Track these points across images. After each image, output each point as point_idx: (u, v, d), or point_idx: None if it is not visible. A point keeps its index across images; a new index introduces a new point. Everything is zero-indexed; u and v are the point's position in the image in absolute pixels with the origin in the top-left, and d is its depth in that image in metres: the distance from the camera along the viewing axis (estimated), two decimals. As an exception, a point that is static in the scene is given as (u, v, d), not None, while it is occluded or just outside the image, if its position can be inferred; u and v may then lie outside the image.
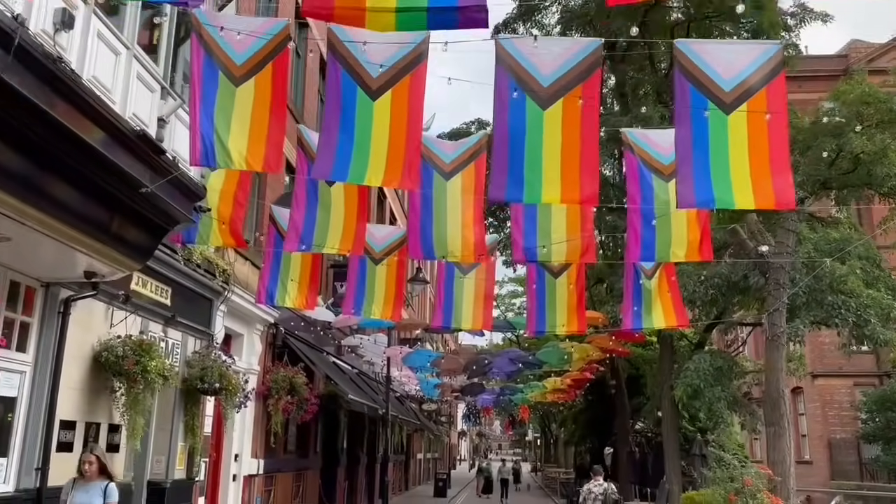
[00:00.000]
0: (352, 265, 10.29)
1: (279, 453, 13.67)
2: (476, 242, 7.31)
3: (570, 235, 7.13)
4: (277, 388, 12.29)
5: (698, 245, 7.21)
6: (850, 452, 29.39)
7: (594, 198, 5.70)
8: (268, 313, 12.48)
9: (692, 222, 7.33)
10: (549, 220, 7.32)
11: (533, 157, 5.76)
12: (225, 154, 5.78)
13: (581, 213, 7.30)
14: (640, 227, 7.32)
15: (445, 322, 10.03)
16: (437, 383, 24.00)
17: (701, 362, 13.40)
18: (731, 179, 5.84)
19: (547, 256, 7.46)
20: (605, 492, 11.16)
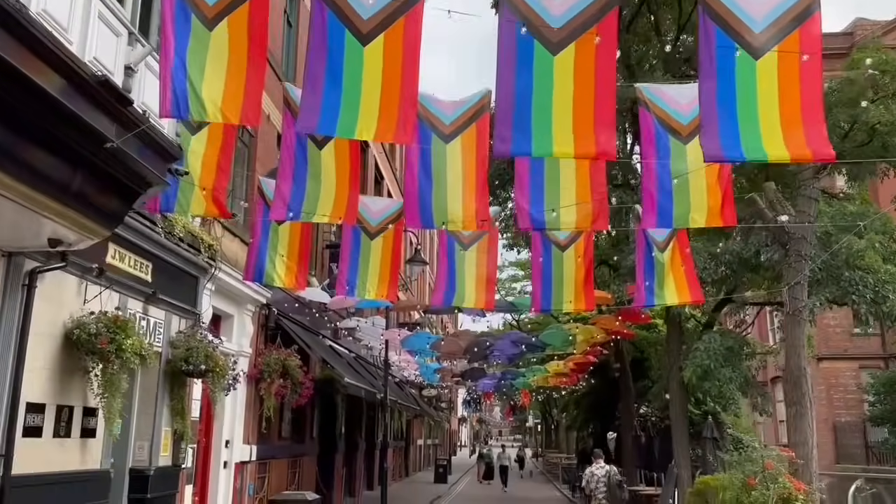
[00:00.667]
0: (345, 241, 9.72)
1: (273, 439, 13.16)
2: (478, 209, 6.73)
3: (581, 198, 6.54)
4: (270, 371, 11.77)
5: (720, 210, 6.64)
6: (856, 436, 29.08)
7: (611, 151, 5.12)
8: (259, 293, 11.93)
9: (712, 186, 6.75)
10: (557, 183, 6.73)
11: (542, 106, 5.17)
12: (198, 104, 5.19)
13: (593, 174, 6.71)
14: (656, 193, 6.74)
15: (446, 300, 9.47)
16: (437, 368, 23.49)
17: (711, 342, 12.87)
18: (762, 131, 5.27)
19: (555, 223, 6.88)
20: (608, 473, 11.31)
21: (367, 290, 9.61)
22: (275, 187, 7.27)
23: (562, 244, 9.35)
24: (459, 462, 48.22)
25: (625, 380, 19.46)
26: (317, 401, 15.84)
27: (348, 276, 9.65)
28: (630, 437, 18.60)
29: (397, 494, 22.67)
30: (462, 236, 9.55)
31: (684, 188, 6.60)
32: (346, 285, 9.63)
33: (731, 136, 5.27)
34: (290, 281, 9.54)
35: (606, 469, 11.43)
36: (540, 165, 6.89)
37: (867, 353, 30.41)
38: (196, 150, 7.10)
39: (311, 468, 15.67)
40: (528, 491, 28.48)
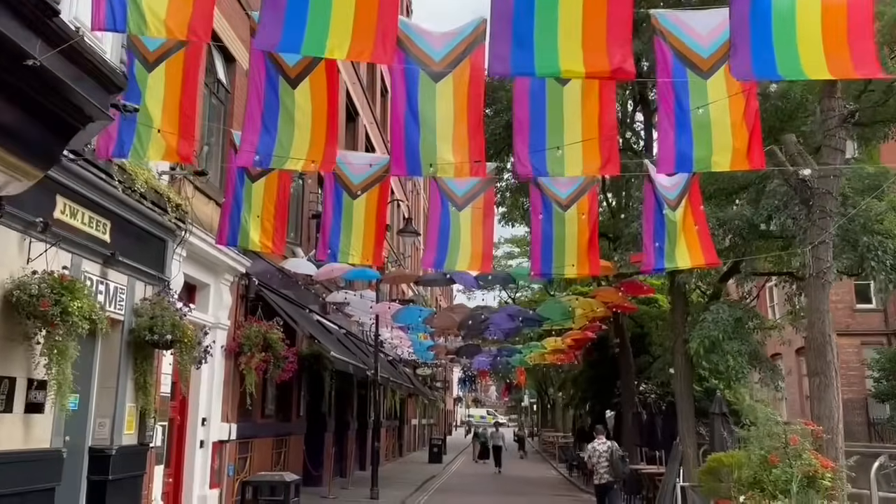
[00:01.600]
0: (326, 201, 8.91)
1: (256, 417, 12.43)
2: (471, 150, 5.92)
3: (588, 135, 5.74)
4: (250, 344, 11.01)
5: (746, 151, 5.84)
6: (858, 413, 28.60)
7: (629, 69, 4.32)
8: (238, 262, 11.13)
9: (737, 125, 5.95)
10: (559, 122, 5.90)
11: (546, 17, 4.36)
12: (138, 16, 4.38)
13: (602, 109, 5.88)
14: (674, 133, 5.93)
15: (437, 264, 8.69)
16: (431, 345, 22.78)
17: (720, 312, 12.16)
18: (799, 48, 4.58)
19: (559, 166, 6.06)
20: (611, 449, 11.38)
21: (351, 254, 8.82)
22: (242, 130, 6.44)
23: (563, 203, 8.57)
24: (455, 442, 47.81)
25: (625, 355, 18.78)
26: (304, 378, 15.12)
27: (330, 239, 8.86)
28: (630, 415, 17.96)
29: (390, 474, 22.06)
30: (456, 196, 8.78)
31: (705, 127, 5.81)
32: (327, 249, 8.85)
33: (764, 55, 4.56)
34: (268, 244, 8.76)
35: (608, 444, 11.49)
36: (541, 102, 6.07)
37: (869, 329, 29.88)
38: (154, 90, 6.26)
39: (298, 448, 14.98)
40: (524, 470, 27.95)
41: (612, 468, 11.36)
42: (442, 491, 18.58)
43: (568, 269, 8.38)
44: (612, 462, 11.36)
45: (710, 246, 8.30)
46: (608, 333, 20.65)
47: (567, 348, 22.29)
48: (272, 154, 6.25)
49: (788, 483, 7.00)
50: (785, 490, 7.02)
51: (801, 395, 31.37)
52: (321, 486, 15.85)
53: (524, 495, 18.34)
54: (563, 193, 8.61)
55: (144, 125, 6.23)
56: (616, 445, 11.74)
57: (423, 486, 19.04)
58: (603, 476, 11.48)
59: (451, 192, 8.79)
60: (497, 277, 12.98)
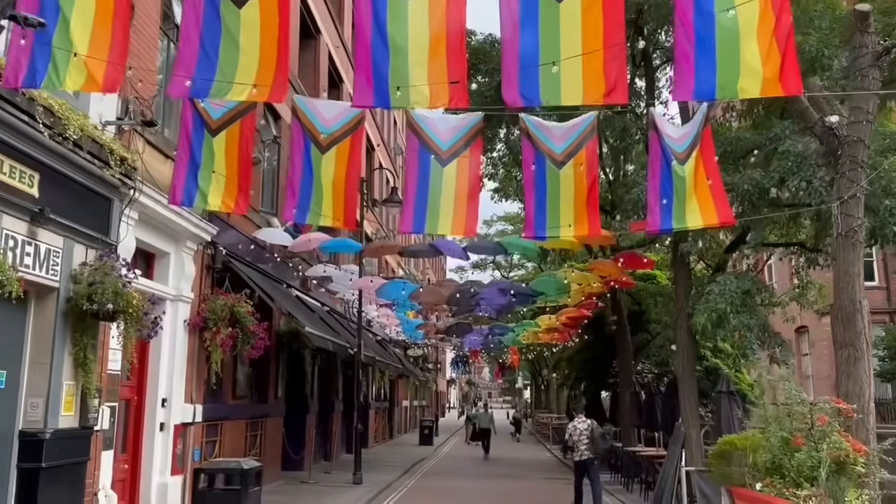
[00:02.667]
0: (293, 155, 7.94)
1: (226, 398, 11.53)
2: (451, 67, 4.94)
3: (590, 52, 4.75)
4: (215, 318, 10.07)
5: (778, 75, 4.88)
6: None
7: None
8: (202, 229, 10.16)
9: (769, 47, 4.97)
10: (556, 30, 4.91)
11: None
12: None
13: (606, 22, 4.89)
14: (693, 52, 4.96)
15: (417, 225, 7.72)
16: (419, 324, 21.88)
17: (727, 284, 11.23)
18: None
19: (554, 92, 5.08)
20: (590, 427, 11.78)
21: (322, 214, 7.86)
22: (176, 55, 5.44)
23: (557, 158, 7.59)
24: (448, 424, 47.18)
25: (622, 333, 17.91)
26: (282, 357, 14.21)
27: (298, 198, 7.89)
28: (628, 395, 17.13)
29: (379, 457, 21.28)
30: (439, 149, 7.80)
31: (731, 44, 4.83)
32: (294, 208, 7.87)
33: None
34: (230, 203, 7.80)
35: (588, 423, 11.91)
36: (534, 21, 5.07)
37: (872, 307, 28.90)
38: (66, 11, 5.25)
39: (277, 431, 14.09)
40: (517, 451, 27.22)
41: (592, 445, 11.67)
42: (430, 474, 17.78)
43: (564, 230, 7.42)
44: (593, 439, 11.67)
45: (724, 203, 7.37)
46: (604, 311, 19.75)
47: (562, 327, 21.42)
48: (213, 79, 5.25)
49: (815, 469, 6.13)
50: (811, 477, 6.15)
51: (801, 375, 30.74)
52: (303, 469, 15.02)
53: (516, 478, 17.55)
54: (558, 147, 7.63)
55: (61, 49, 5.22)
56: (595, 423, 12.10)
57: (411, 470, 18.23)
58: (583, 453, 11.74)
59: (434, 144, 7.80)
60: (488, 247, 12.04)
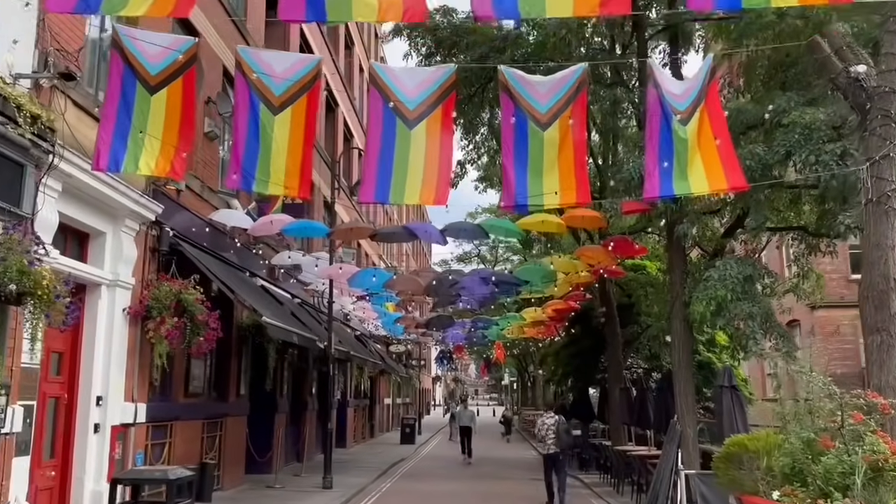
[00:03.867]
0: (238, 115, 6.88)
1: (176, 396, 10.43)
2: None
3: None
4: (159, 307, 8.98)
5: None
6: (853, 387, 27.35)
7: None
8: (144, 206, 9.06)
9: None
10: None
11: None
12: None
13: None
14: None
15: (380, 193, 6.67)
16: (398, 317, 20.82)
17: (727, 269, 10.29)
18: None
19: (535, 2, 4.05)
20: (557, 422, 12.41)
21: (271, 182, 6.80)
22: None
23: (541, 119, 6.59)
24: (432, 422, 46.16)
25: (611, 325, 16.95)
26: (245, 351, 13.12)
27: (243, 164, 6.83)
28: (618, 390, 16.17)
29: (356, 457, 20.22)
30: (405, 108, 6.76)
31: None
32: (238, 175, 6.81)
33: None
34: (164, 166, 6.79)
35: (556, 418, 12.52)
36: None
37: (866, 298, 28.43)
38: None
39: (240, 431, 12.99)
40: (503, 450, 26.25)
41: (558, 439, 12.20)
42: (408, 476, 16.74)
43: (549, 198, 6.40)
44: (559, 433, 12.22)
45: (734, 165, 6.38)
46: (593, 303, 18.81)
47: (548, 320, 20.45)
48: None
49: (847, 476, 5.16)
50: (842, 485, 5.17)
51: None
52: (271, 472, 13.94)
53: (499, 479, 16.56)
54: (542, 106, 6.63)
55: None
56: (563, 419, 12.78)
57: (389, 472, 17.18)
58: (550, 447, 12.31)
59: (400, 104, 6.77)
60: (467, 230, 11.00)
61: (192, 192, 10.89)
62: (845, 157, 9.42)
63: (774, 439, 6.32)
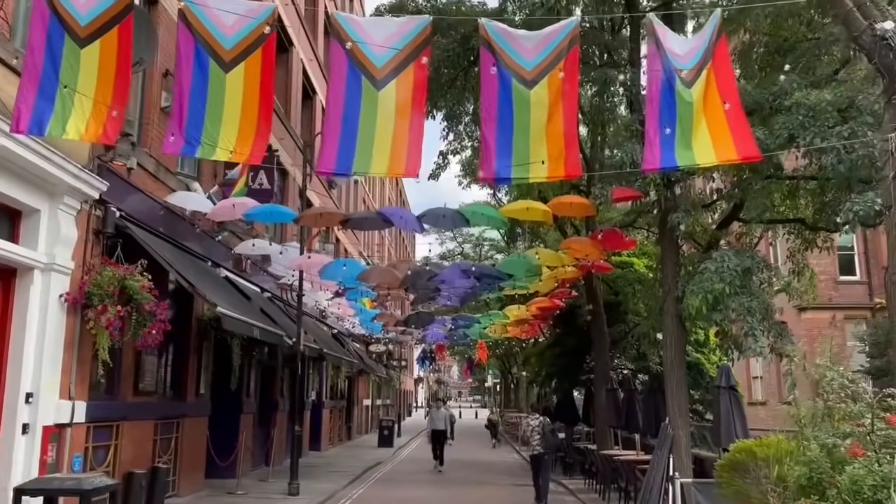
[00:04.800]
0: (182, 72, 6.03)
1: (124, 394, 9.50)
2: None
3: None
4: (101, 294, 8.06)
5: None
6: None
7: None
8: (86, 182, 8.15)
9: None
10: None
11: None
12: None
13: None
14: None
15: (342, 163, 5.84)
16: (376, 314, 19.94)
17: (724, 261, 9.58)
18: None
19: None
20: (542, 423, 12.63)
21: (219, 147, 5.95)
22: None
23: (527, 76, 5.80)
24: (413, 424, 45.23)
25: (598, 324, 16.21)
26: (206, 347, 12.21)
27: (187, 126, 5.97)
28: (604, 392, 15.42)
29: (330, 461, 19.31)
30: (373, 66, 5.95)
31: None
32: (180, 138, 5.95)
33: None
34: (95, 130, 5.94)
35: (540, 420, 12.73)
36: None
37: (853, 302, 28.14)
38: None
39: (199, 433, 12.06)
40: (484, 454, 25.44)
41: (543, 440, 12.41)
42: (383, 482, 15.86)
43: (535, 169, 5.59)
44: (544, 435, 12.44)
45: (745, 133, 5.62)
46: (579, 301, 18.05)
47: (532, 318, 19.70)
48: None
49: (879, 489, 4.40)
50: (873, 500, 4.41)
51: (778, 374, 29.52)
52: (235, 477, 13.01)
53: (480, 485, 15.75)
54: (528, 62, 5.84)
55: None
56: (547, 420, 12.98)
57: (363, 476, 16.29)
58: (535, 448, 12.52)
59: (366, 61, 5.95)
60: (447, 216, 10.18)
61: (145, 172, 9.97)
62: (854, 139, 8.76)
63: (787, 446, 5.57)
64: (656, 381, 12.49)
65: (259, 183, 12.39)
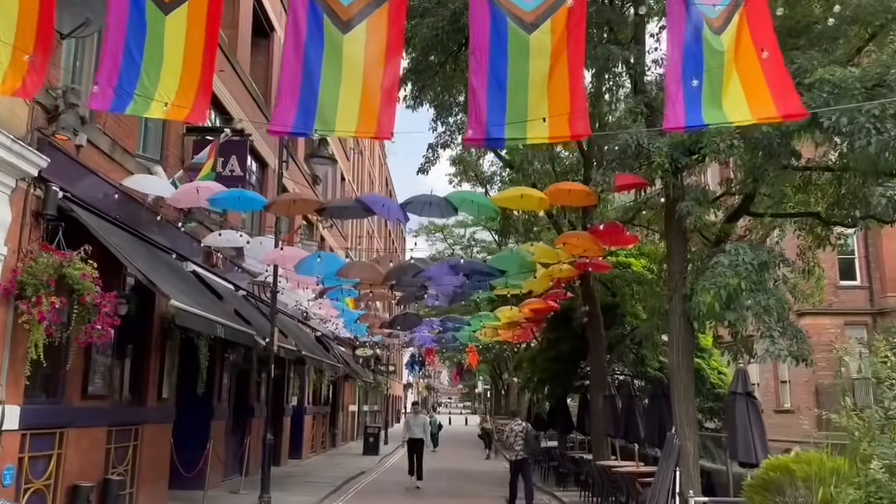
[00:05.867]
0: (112, 14, 5.08)
1: (69, 397, 8.48)
2: None
3: None
4: (34, 283, 7.05)
5: None
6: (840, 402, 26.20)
7: None
8: (22, 156, 7.16)
9: None
10: None
11: None
12: None
13: None
14: None
15: (301, 120, 4.89)
16: (359, 315, 18.94)
17: (740, 254, 8.66)
18: None
19: None
20: (525, 429, 12.98)
21: (154, 101, 4.99)
22: None
23: (526, 19, 4.87)
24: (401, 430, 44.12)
25: (595, 326, 15.28)
26: (170, 347, 11.19)
27: (121, 78, 5.01)
28: (601, 398, 14.48)
29: (311, 470, 18.28)
30: (339, 5, 4.99)
31: None
32: (110, 90, 4.98)
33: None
34: (12, 83, 5.04)
35: (523, 425, 13.08)
36: None
37: (853, 307, 27.41)
38: None
39: (162, 441, 11.02)
40: (473, 463, 24.42)
41: (526, 445, 12.73)
42: (363, 494, 14.84)
43: (534, 127, 4.66)
44: (527, 440, 12.76)
45: (786, 86, 4.71)
46: (574, 303, 17.13)
47: (524, 321, 18.76)
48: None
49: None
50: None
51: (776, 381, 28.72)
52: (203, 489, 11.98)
53: (467, 498, 14.76)
54: (527, 3, 4.90)
55: None
56: (530, 426, 13.61)
57: (343, 487, 15.26)
58: (519, 453, 12.75)
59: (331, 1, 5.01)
60: (433, 203, 9.24)
61: (98, 151, 8.97)
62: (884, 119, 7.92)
63: (833, 463, 4.65)
64: (660, 387, 11.55)
65: (230, 169, 11.40)
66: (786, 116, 4.83)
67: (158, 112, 4.93)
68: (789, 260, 10.13)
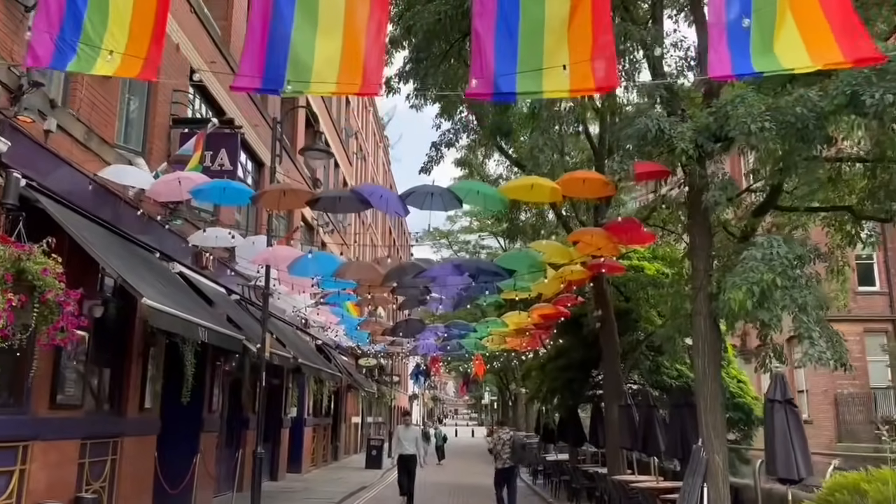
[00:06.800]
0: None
1: (34, 407, 7.71)
2: None
3: None
4: (-12, 278, 6.29)
5: None
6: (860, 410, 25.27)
7: None
8: (-23, 137, 6.42)
9: None
10: None
11: None
12: None
13: None
14: None
15: (270, 75, 4.14)
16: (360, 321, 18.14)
17: (773, 247, 7.85)
18: None
19: None
20: (512, 438, 13.24)
21: (103, 48, 4.25)
22: None
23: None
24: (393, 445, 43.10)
25: (608, 332, 14.42)
26: (154, 354, 10.42)
27: (63, 26, 4.27)
28: (616, 408, 13.61)
29: (310, 485, 17.44)
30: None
31: None
32: (50, 43, 4.24)
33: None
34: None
35: (511, 434, 13.35)
36: None
37: (873, 314, 26.50)
38: None
39: (144, 455, 10.23)
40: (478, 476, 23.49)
41: (513, 454, 12.96)
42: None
43: (552, 77, 3.89)
44: (514, 449, 13.00)
45: (852, 25, 3.92)
46: (585, 309, 16.30)
47: (533, 328, 17.94)
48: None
49: None
50: None
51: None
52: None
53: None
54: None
55: None
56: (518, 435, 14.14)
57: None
58: (506, 461, 12.88)
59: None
60: (437, 196, 8.47)
61: (71, 139, 8.26)
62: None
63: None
64: (682, 396, 10.70)
65: (220, 163, 10.69)
66: (856, 61, 4.04)
67: (105, 69, 4.19)
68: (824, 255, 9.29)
